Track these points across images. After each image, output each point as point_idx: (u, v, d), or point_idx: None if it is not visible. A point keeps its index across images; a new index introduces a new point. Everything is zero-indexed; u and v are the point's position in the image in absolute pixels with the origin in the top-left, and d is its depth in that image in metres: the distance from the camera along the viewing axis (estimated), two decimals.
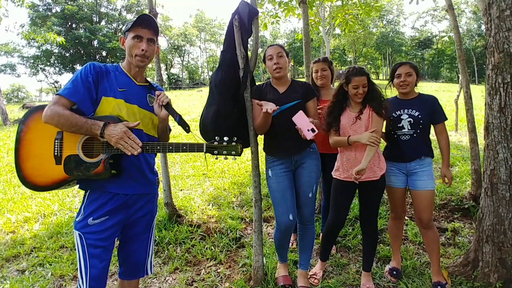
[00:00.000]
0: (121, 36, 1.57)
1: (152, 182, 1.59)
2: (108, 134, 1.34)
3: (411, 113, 2.13)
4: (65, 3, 31.29)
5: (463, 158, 5.28)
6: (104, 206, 1.44)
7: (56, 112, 1.34)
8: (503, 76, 1.93)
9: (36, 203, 3.91)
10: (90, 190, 1.46)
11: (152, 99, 1.59)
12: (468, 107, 3.48)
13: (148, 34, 1.50)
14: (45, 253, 2.77)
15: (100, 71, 1.47)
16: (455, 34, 3.56)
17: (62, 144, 1.41)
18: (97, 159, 1.40)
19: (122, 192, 1.46)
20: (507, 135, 1.95)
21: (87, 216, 1.42)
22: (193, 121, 10.65)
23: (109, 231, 1.44)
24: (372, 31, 33.63)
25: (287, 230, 2.08)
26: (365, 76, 2.08)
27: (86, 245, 1.40)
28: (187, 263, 2.59)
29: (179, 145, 1.46)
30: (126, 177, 1.48)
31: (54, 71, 35.65)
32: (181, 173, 5.09)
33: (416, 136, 2.12)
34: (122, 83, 1.50)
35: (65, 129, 1.37)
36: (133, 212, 1.52)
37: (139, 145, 1.37)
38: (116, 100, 1.45)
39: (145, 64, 1.53)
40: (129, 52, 1.50)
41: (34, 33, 9.47)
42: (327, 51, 12.59)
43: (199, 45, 49.63)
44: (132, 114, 1.49)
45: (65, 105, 1.37)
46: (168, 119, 1.62)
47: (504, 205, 1.99)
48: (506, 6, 1.88)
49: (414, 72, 2.16)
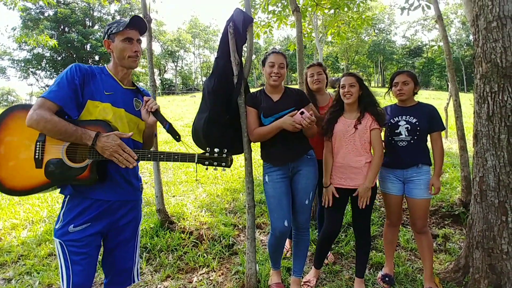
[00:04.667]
0: (106, 39, 1.49)
1: (136, 188, 1.56)
2: (101, 146, 1.31)
3: (409, 120, 2.17)
4: (58, 6, 31.06)
5: (453, 164, 5.37)
6: (86, 213, 1.39)
7: (42, 117, 1.27)
8: (490, 85, 1.98)
9: (24, 210, 3.82)
10: (70, 196, 1.40)
11: (138, 103, 1.56)
12: (457, 115, 3.56)
13: (137, 35, 1.48)
14: (32, 261, 2.70)
15: (86, 73, 1.41)
16: (444, 43, 3.65)
17: (45, 147, 1.34)
18: (82, 164, 1.36)
19: (105, 198, 1.42)
20: (495, 143, 1.99)
21: (67, 223, 1.37)
22: (186, 127, 10.62)
23: (91, 238, 1.39)
24: (364, 39, 34.20)
25: (281, 236, 2.07)
26: (351, 76, 2.15)
27: (68, 252, 1.35)
28: (179, 270, 2.56)
29: (171, 155, 1.45)
30: (109, 183, 1.44)
31: (45, 75, 35.16)
32: (174, 179, 5.05)
33: (414, 143, 2.15)
34: (108, 86, 1.46)
35: (51, 135, 1.31)
36: (117, 219, 1.48)
37: (134, 158, 1.35)
38: (102, 104, 1.41)
39: (137, 65, 1.51)
40: (120, 55, 1.46)
41: (26, 36, 9.35)
42: (320, 58, 12.75)
43: (193, 51, 49.72)
44: (119, 118, 1.45)
45: (51, 109, 1.30)
46: (155, 125, 1.59)
47: (493, 211, 2.02)
48: (493, 18, 1.94)
49: (412, 80, 2.20)
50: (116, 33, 1.45)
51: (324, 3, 4.43)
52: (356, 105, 2.18)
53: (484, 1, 1.98)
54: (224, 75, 2.08)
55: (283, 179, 2.07)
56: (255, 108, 2.08)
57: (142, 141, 1.60)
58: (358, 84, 2.14)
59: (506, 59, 1.91)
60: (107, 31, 1.48)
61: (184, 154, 1.45)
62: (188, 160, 1.45)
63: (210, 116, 2.01)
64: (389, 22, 41.93)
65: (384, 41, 40.83)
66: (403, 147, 2.16)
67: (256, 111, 2.08)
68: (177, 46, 44.62)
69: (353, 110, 2.18)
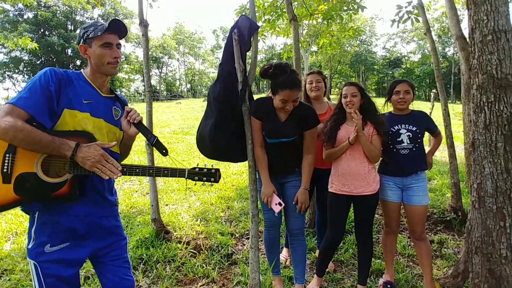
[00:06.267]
0: (82, 44, 1.37)
1: (112, 203, 1.47)
2: (82, 157, 1.20)
3: (410, 128, 2.22)
4: (39, 9, 30.14)
5: (439, 172, 5.54)
6: (63, 229, 1.27)
7: (12, 126, 1.12)
8: (487, 95, 2.06)
9: (6, 220, 3.60)
10: (39, 212, 1.26)
11: (117, 112, 1.47)
12: (446, 123, 3.69)
13: (116, 39, 1.38)
14: (18, 275, 2.53)
15: (62, 78, 1.29)
16: (433, 55, 3.81)
17: (15, 160, 1.19)
18: (61, 179, 1.23)
19: (80, 213, 1.32)
20: (492, 151, 2.06)
21: (42, 243, 1.24)
22: (173, 134, 10.46)
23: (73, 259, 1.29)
24: (347, 50, 35.23)
25: (273, 226, 2.19)
26: (353, 86, 2.20)
27: (42, 275, 1.23)
28: (177, 282, 2.47)
29: (160, 170, 1.39)
30: (85, 198, 1.33)
31: (23, 79, 33.77)
32: (165, 187, 4.93)
33: (415, 150, 2.21)
34: (87, 94, 1.35)
35: (23, 146, 1.17)
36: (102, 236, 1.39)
37: (118, 169, 1.26)
38: (81, 113, 1.30)
39: (117, 71, 1.42)
40: (99, 61, 1.35)
41: (4, 38, 8.97)
42: (305, 67, 13.00)
43: (177, 58, 49.40)
44: (98, 129, 1.35)
45: (21, 117, 1.16)
46: (135, 137, 1.49)
47: (491, 217, 2.08)
48: (488, 31, 2.03)
49: (411, 90, 2.28)
50: (93, 38, 1.34)
51: (317, 13, 4.52)
52: None
53: (479, 16, 2.07)
54: (230, 81, 2.07)
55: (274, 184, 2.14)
56: (260, 120, 2.08)
57: (119, 151, 1.50)
58: (359, 93, 2.18)
59: (501, 71, 2.00)
60: (83, 35, 1.36)
61: (174, 170, 1.40)
62: (178, 175, 1.41)
63: (216, 122, 1.99)
64: (370, 34, 43.45)
65: (366, 52, 42.21)
66: (405, 155, 2.21)
67: (261, 123, 2.08)
68: (161, 52, 44.24)
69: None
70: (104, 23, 1.37)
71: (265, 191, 2.06)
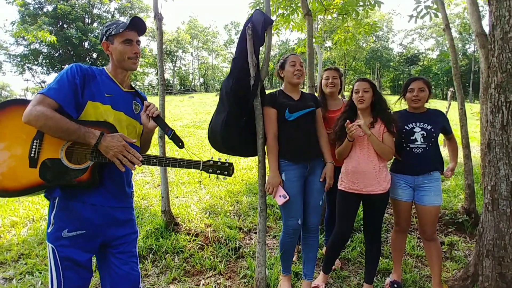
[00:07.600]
0: (104, 41, 1.45)
1: (128, 195, 1.52)
2: (106, 146, 1.26)
3: (424, 127, 2.18)
4: (58, 2, 30.81)
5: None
6: (80, 217, 1.33)
7: (43, 113, 1.20)
8: (505, 95, 2.00)
9: (24, 207, 3.75)
10: (59, 197, 1.33)
11: (137, 107, 1.53)
12: (462, 123, 3.59)
13: (136, 36, 1.46)
14: (34, 260, 2.64)
15: (87, 73, 1.37)
16: (451, 52, 3.69)
17: (42, 146, 1.28)
18: (83, 166, 1.30)
19: (98, 203, 1.37)
20: (509, 152, 2.00)
21: (60, 228, 1.31)
22: (186, 127, 10.58)
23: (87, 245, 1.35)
24: (362, 46, 34.54)
25: (294, 233, 2.13)
26: (365, 81, 2.16)
27: (59, 258, 1.30)
28: (185, 273, 2.52)
29: (176, 160, 1.43)
30: (103, 188, 1.39)
31: (42, 71, 34.75)
32: (176, 180, 5.01)
33: (429, 149, 2.17)
34: (109, 88, 1.42)
35: (51, 133, 1.25)
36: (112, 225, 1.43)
37: (139, 159, 1.32)
38: (103, 106, 1.37)
39: (137, 66, 1.49)
40: (121, 57, 1.42)
41: (25, 31, 9.24)
42: (320, 62, 12.85)
43: (191, 52, 49.64)
44: (118, 122, 1.41)
45: (51, 107, 1.25)
46: (154, 131, 1.56)
47: (504, 220, 2.03)
48: (510, 28, 1.96)
49: (426, 88, 2.23)
50: (115, 35, 1.41)
51: (332, 8, 4.45)
52: (369, 110, 2.19)
53: (501, 12, 2.00)
54: (242, 75, 2.08)
55: (299, 179, 2.11)
56: (275, 108, 2.11)
57: (139, 144, 1.57)
58: (371, 89, 2.15)
59: None
60: (105, 32, 1.44)
61: (190, 161, 1.43)
62: (193, 167, 1.44)
63: (227, 116, 2.01)
64: (387, 29, 42.42)
65: (382, 48, 41.26)
66: (418, 153, 2.17)
67: (276, 111, 2.11)
68: (175, 46, 44.55)
69: (366, 115, 2.18)
70: (124, 21, 1.44)
71: (271, 181, 2.06)
